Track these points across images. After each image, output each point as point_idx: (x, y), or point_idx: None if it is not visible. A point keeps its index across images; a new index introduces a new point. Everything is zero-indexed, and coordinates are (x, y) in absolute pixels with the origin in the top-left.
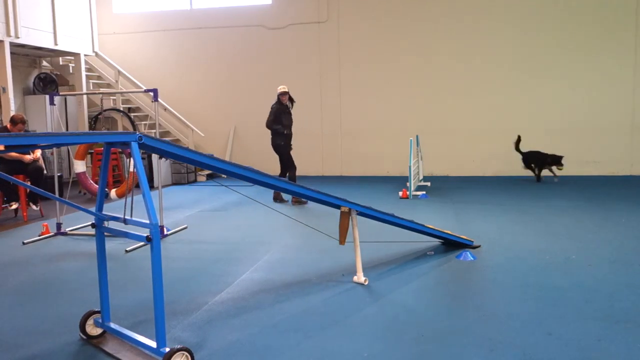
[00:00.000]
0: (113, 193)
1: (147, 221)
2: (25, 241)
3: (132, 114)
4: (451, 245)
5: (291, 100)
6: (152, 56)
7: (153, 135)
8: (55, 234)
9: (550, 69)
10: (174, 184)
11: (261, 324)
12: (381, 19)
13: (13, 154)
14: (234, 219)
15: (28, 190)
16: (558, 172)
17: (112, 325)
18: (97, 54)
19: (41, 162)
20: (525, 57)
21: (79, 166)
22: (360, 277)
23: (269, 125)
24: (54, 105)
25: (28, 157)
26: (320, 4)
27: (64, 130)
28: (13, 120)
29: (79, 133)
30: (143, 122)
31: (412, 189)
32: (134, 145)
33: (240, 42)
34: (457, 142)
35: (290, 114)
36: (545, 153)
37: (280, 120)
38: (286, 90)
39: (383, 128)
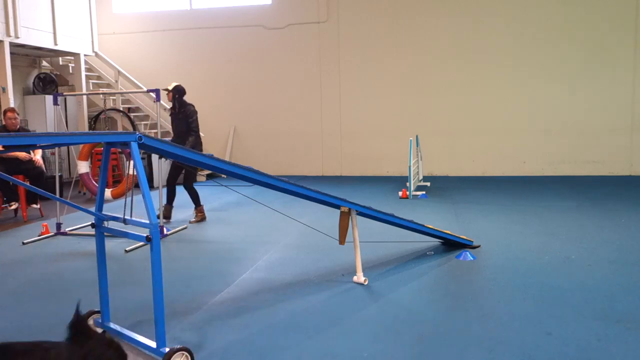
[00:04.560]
0: (108, 193)
1: (147, 221)
2: (25, 241)
3: (132, 114)
4: (451, 245)
5: (178, 102)
6: (152, 56)
7: (154, 135)
8: (55, 234)
9: (550, 68)
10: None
11: (261, 324)
12: (381, 19)
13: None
14: (234, 219)
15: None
16: None
17: (112, 325)
18: (97, 54)
19: (41, 163)
20: (525, 57)
21: (83, 167)
22: (360, 277)
23: None
24: (58, 105)
25: (23, 155)
26: (320, 4)
27: (65, 130)
28: (4, 113)
29: (78, 133)
30: (143, 122)
31: (412, 189)
32: (134, 145)
33: (239, 42)
34: (457, 142)
35: (177, 118)
36: None
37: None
38: (169, 88)
39: (383, 128)
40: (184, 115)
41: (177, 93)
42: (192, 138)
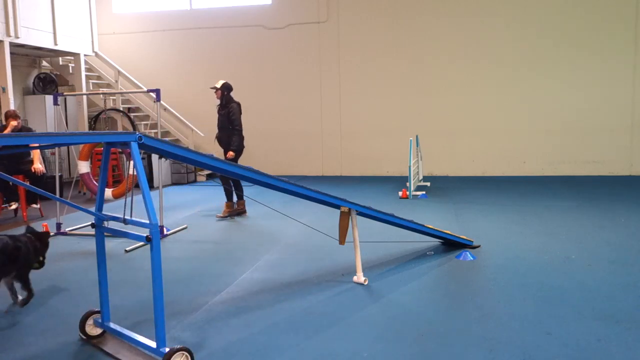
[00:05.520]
0: (109, 193)
1: (147, 221)
2: None
3: (132, 114)
4: (451, 245)
5: (225, 99)
6: (152, 56)
7: (154, 135)
8: (55, 234)
9: (550, 68)
10: (174, 184)
11: (261, 324)
12: (381, 19)
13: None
14: (234, 219)
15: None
16: None
17: (112, 325)
18: (96, 54)
19: (41, 165)
20: (525, 56)
21: (83, 167)
22: (360, 277)
23: None
24: (58, 105)
25: (40, 169)
26: (320, 4)
27: (65, 130)
28: (5, 116)
29: (78, 133)
30: (143, 122)
31: (412, 189)
32: (134, 145)
33: (239, 42)
34: (457, 142)
35: (220, 114)
36: None
37: None
38: (217, 86)
39: (383, 128)
40: (227, 112)
41: (226, 90)
42: (235, 137)
